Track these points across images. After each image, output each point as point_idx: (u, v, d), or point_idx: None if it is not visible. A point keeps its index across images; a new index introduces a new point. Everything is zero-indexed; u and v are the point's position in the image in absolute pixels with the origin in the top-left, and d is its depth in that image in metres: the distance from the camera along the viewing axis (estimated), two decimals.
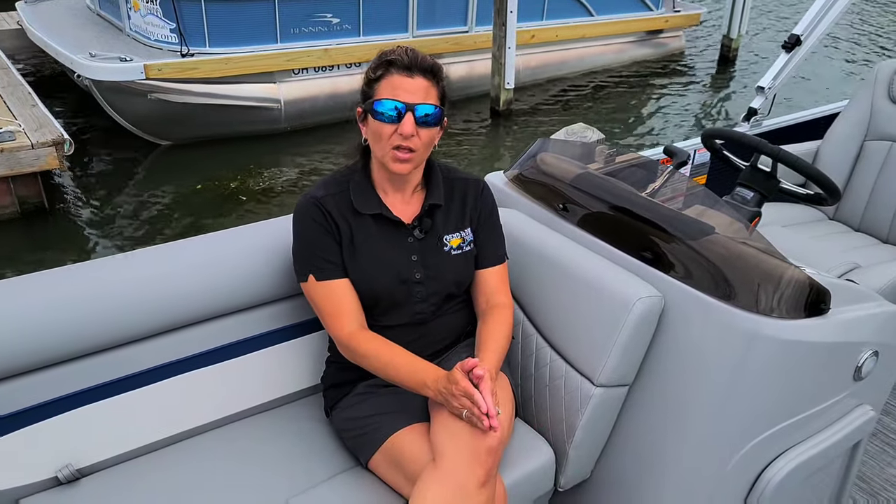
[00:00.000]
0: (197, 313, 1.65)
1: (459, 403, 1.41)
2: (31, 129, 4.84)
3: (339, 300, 1.58)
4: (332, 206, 1.61)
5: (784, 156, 2.12)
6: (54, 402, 1.52)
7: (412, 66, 1.52)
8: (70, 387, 1.54)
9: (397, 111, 1.51)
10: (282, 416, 1.80)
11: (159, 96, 5.78)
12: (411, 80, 1.52)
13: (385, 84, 1.53)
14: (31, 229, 4.88)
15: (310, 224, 1.60)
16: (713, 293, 1.53)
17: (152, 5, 5.85)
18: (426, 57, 1.56)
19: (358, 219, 1.62)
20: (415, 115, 1.52)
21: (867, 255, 2.60)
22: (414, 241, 1.64)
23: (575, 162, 1.92)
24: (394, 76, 1.52)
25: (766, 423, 1.55)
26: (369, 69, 1.58)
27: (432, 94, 1.55)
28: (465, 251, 1.69)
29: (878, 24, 11.47)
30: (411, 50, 1.55)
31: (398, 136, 1.52)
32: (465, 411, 1.41)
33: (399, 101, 1.51)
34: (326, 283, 1.58)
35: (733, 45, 9.10)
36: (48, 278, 1.54)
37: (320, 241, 1.59)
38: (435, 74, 1.57)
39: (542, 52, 7.90)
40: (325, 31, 6.43)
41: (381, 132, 1.53)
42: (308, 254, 1.60)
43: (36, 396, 1.51)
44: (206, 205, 5.37)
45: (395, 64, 1.53)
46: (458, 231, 1.69)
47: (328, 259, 1.59)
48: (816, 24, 2.97)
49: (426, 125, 1.54)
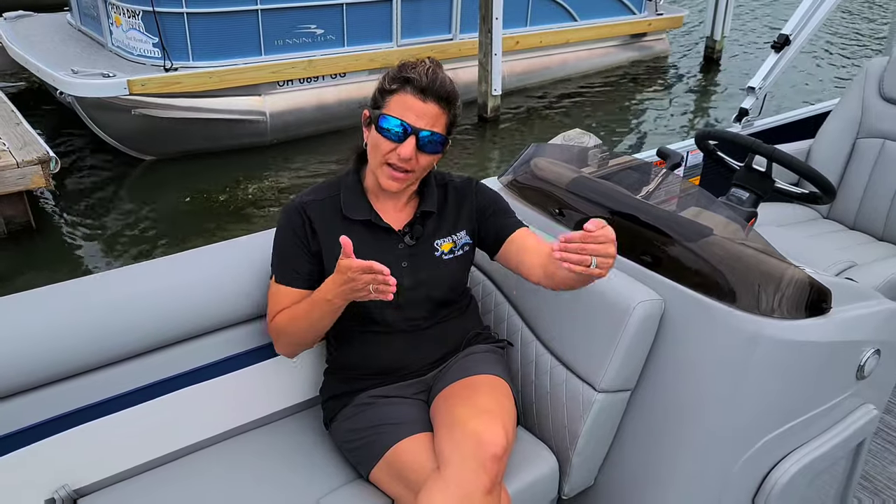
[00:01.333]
0: (192, 328, 1.63)
1: (364, 281, 1.36)
2: (15, 148, 4.78)
3: (280, 305, 1.61)
4: (316, 211, 1.61)
5: (779, 155, 2.12)
6: (48, 422, 1.50)
7: (428, 90, 1.49)
8: (65, 406, 1.51)
9: (401, 132, 1.50)
10: (281, 429, 1.78)
11: (143, 111, 5.74)
12: (423, 104, 1.49)
13: (397, 100, 1.50)
14: (19, 249, 4.81)
15: (286, 231, 1.62)
16: (713, 295, 1.52)
17: (134, 20, 5.82)
18: (445, 82, 1.51)
19: (347, 224, 1.61)
20: (417, 140, 1.50)
21: (863, 253, 2.60)
22: (404, 247, 1.63)
23: (569, 166, 1.91)
24: (407, 95, 1.49)
25: (770, 424, 1.54)
26: (387, 78, 1.54)
27: (441, 122, 1.53)
28: (457, 255, 1.68)
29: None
30: (433, 71, 1.51)
31: (395, 154, 1.51)
32: (371, 285, 1.36)
33: (406, 122, 1.49)
34: (280, 286, 1.61)
35: (717, 47, 9.18)
36: (35, 297, 1.51)
37: (290, 250, 1.61)
38: (449, 102, 1.53)
39: (527, 58, 7.92)
40: (309, 43, 6.42)
41: (381, 146, 1.52)
42: (277, 256, 1.63)
43: (29, 417, 1.48)
44: (195, 218, 5.33)
45: (411, 83, 1.49)
46: (449, 235, 1.68)
47: (292, 267, 1.61)
48: (805, 24, 2.99)
49: (427, 150, 1.53)
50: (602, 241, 1.25)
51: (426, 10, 7.03)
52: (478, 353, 1.71)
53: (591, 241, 1.24)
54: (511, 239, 1.63)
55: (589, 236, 1.24)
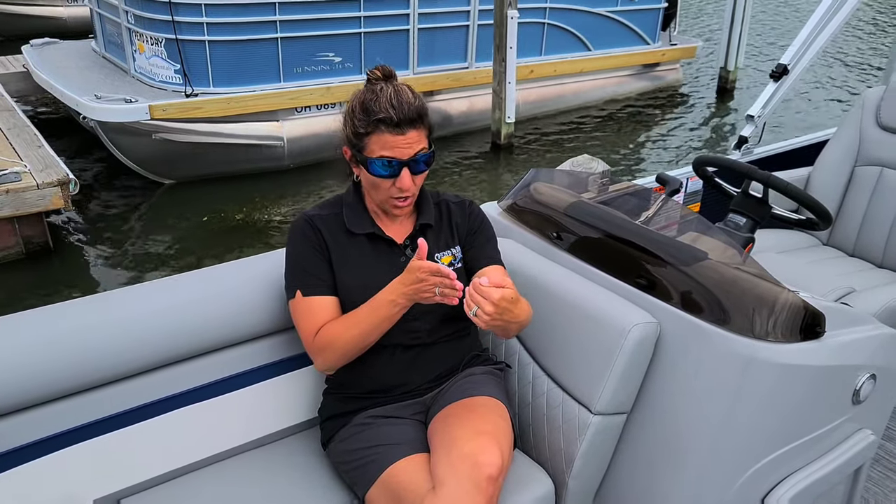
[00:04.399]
0: (192, 348, 1.65)
1: (431, 283, 1.43)
2: (36, 170, 4.89)
3: (320, 316, 1.60)
4: (323, 225, 1.66)
5: (774, 181, 2.14)
6: (46, 440, 1.51)
7: (401, 122, 1.51)
8: (62, 425, 1.53)
9: (394, 169, 1.54)
10: (279, 450, 1.79)
11: (164, 136, 5.86)
12: (402, 136, 1.53)
13: (376, 140, 1.54)
14: (36, 270, 4.90)
15: (301, 241, 1.63)
16: (708, 318, 1.53)
17: (157, 47, 5.97)
18: (411, 103, 1.54)
19: (351, 238, 1.65)
20: (411, 169, 1.55)
21: (862, 280, 2.60)
22: (406, 259, 1.66)
23: (568, 191, 1.94)
24: (384, 134, 1.53)
25: (766, 448, 1.54)
26: (357, 122, 1.55)
27: (422, 139, 1.57)
28: (456, 268, 1.71)
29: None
30: (395, 98, 1.52)
31: (396, 189, 1.57)
32: (438, 288, 1.43)
33: (393, 158, 1.53)
34: (312, 298, 1.61)
35: (730, 77, 9.20)
36: (41, 315, 1.53)
37: (310, 258, 1.62)
38: (423, 118, 1.56)
39: (541, 87, 8.00)
40: (327, 70, 6.53)
41: (379, 186, 1.58)
42: (298, 270, 1.63)
43: (28, 435, 1.49)
44: (211, 238, 5.40)
45: (383, 122, 1.52)
46: (448, 249, 1.72)
47: (317, 276, 1.61)
48: (803, 54, 3.03)
49: (421, 172, 1.58)
50: (485, 297, 1.40)
51: (442, 39, 7.14)
52: (476, 374, 1.72)
53: (478, 293, 1.41)
54: (480, 272, 1.68)
55: (477, 287, 1.41)
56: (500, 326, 1.48)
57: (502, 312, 1.42)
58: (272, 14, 6.04)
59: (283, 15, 6.09)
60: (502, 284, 1.43)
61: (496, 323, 1.43)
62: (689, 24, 13.31)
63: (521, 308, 1.51)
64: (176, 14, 5.71)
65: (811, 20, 3.06)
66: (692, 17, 14.04)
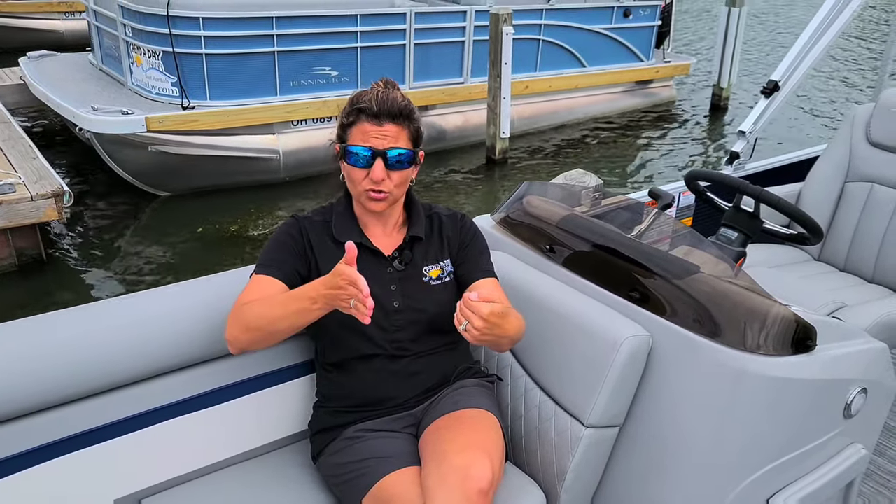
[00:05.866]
0: (181, 359, 1.64)
1: (348, 294, 1.37)
2: (30, 182, 4.89)
3: (256, 292, 1.58)
4: (312, 230, 1.68)
5: (766, 196, 2.15)
6: (35, 451, 1.50)
7: (381, 113, 1.57)
8: (47, 436, 1.51)
9: (368, 157, 1.57)
10: (268, 463, 1.78)
11: (160, 148, 5.87)
12: (380, 127, 1.57)
13: (357, 130, 1.59)
14: (28, 282, 4.88)
15: (281, 235, 1.67)
16: (700, 331, 1.53)
17: (154, 60, 5.99)
18: (396, 100, 1.59)
19: (338, 247, 1.66)
20: (385, 161, 1.57)
21: (853, 295, 2.61)
22: (394, 271, 1.67)
23: (561, 204, 1.95)
24: (364, 123, 1.58)
25: (758, 461, 1.54)
26: (343, 114, 1.63)
27: (403, 137, 1.60)
28: (444, 282, 1.72)
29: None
30: (382, 93, 1.59)
31: (369, 180, 1.58)
32: (353, 300, 1.37)
33: (369, 146, 1.56)
34: (260, 276, 1.61)
35: (724, 94, 9.27)
36: (25, 326, 1.52)
37: (281, 248, 1.64)
38: (406, 117, 1.60)
39: (536, 103, 8.05)
40: (323, 84, 6.57)
41: (354, 176, 1.61)
42: (264, 255, 1.65)
43: (14, 446, 1.48)
44: (206, 250, 5.39)
45: (364, 111, 1.58)
46: (437, 262, 1.72)
47: (277, 260, 1.63)
48: (794, 70, 3.06)
49: (398, 168, 1.59)
50: (474, 312, 1.40)
51: (438, 55, 7.19)
52: (467, 386, 1.72)
53: (468, 308, 1.41)
54: (473, 286, 1.69)
55: (467, 302, 1.42)
56: (490, 341, 1.47)
57: (492, 328, 1.42)
58: (269, 28, 6.08)
59: (280, 29, 6.12)
60: (491, 299, 1.44)
61: (486, 338, 1.43)
62: (688, 40, 13.44)
63: (510, 323, 1.50)
64: (174, 27, 5.73)
65: (801, 37, 3.10)
66: (689, 35, 14.17)
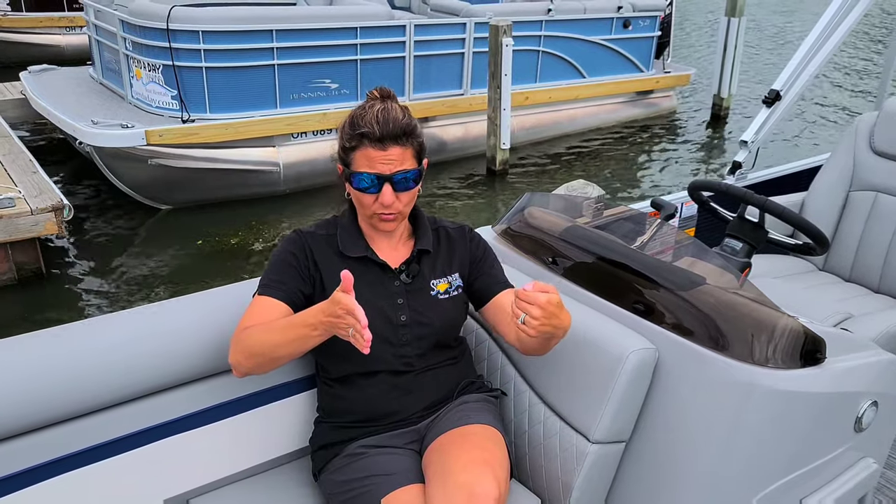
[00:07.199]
0: (180, 375, 1.62)
1: (346, 323, 1.33)
2: (30, 196, 4.88)
3: (259, 314, 1.54)
4: (316, 245, 1.65)
5: (771, 206, 2.13)
6: (32, 470, 1.48)
7: (384, 137, 1.53)
8: (48, 455, 1.49)
9: (375, 183, 1.54)
10: (268, 480, 1.76)
11: (160, 161, 5.86)
12: (384, 151, 1.53)
13: (360, 156, 1.55)
14: (28, 296, 4.86)
15: (286, 253, 1.63)
16: (707, 344, 1.51)
17: (154, 73, 6.00)
18: (398, 119, 1.54)
19: (344, 262, 1.63)
20: (393, 185, 1.55)
21: (859, 305, 2.59)
22: (400, 285, 1.65)
23: (563, 215, 1.93)
24: (367, 149, 1.54)
25: (767, 477, 1.51)
26: (344, 137, 1.58)
27: (408, 157, 1.57)
28: (452, 296, 1.69)
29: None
30: (382, 115, 1.53)
31: (379, 205, 1.56)
32: (351, 329, 1.33)
33: (376, 173, 1.53)
34: (263, 297, 1.57)
35: (724, 104, 9.28)
36: (21, 343, 1.50)
37: (285, 267, 1.61)
38: (409, 136, 1.56)
39: (537, 114, 8.05)
40: (323, 97, 6.57)
41: (363, 201, 1.58)
42: (267, 274, 1.62)
43: (9, 466, 1.46)
44: (206, 262, 5.38)
45: (366, 136, 1.53)
46: (444, 276, 1.70)
47: (280, 280, 1.59)
48: (795, 79, 3.05)
49: (405, 188, 1.57)
50: (531, 302, 1.36)
51: (438, 66, 7.20)
52: (471, 402, 1.69)
53: (524, 300, 1.36)
54: (495, 300, 1.67)
55: (522, 294, 1.37)
56: (548, 333, 1.40)
57: (550, 317, 1.37)
58: (269, 41, 6.09)
59: (280, 42, 6.13)
60: (546, 289, 1.38)
61: (545, 328, 1.37)
62: (688, 51, 13.47)
63: (566, 314, 1.45)
64: (174, 40, 5.74)
65: (802, 46, 3.09)
66: (687, 47, 14.21)
